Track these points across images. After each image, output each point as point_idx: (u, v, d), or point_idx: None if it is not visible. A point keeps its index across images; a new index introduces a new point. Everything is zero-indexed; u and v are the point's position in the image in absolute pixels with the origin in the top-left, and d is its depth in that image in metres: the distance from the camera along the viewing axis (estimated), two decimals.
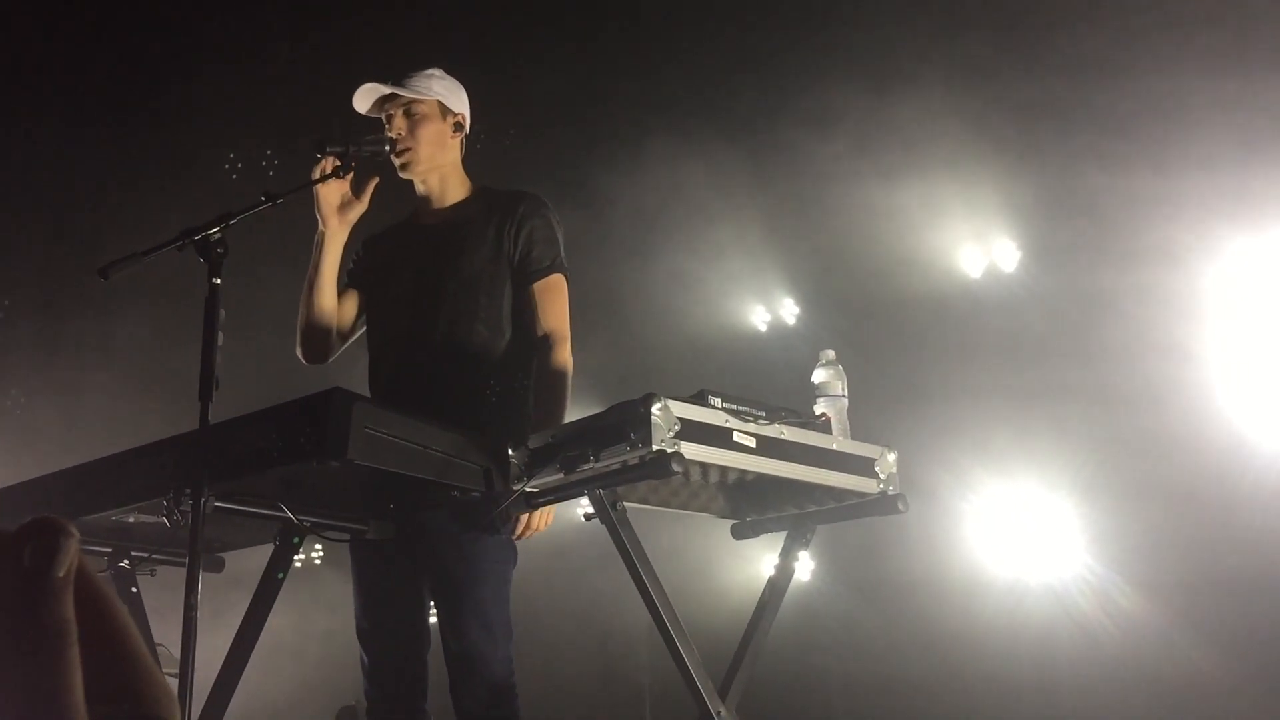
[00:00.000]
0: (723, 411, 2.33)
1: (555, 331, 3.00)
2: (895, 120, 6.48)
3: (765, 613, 2.69)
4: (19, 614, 0.41)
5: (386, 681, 2.90)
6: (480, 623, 2.77)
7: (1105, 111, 5.89)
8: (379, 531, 2.75)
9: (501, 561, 2.85)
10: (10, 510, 2.70)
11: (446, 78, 3.15)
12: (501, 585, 2.84)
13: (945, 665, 6.54)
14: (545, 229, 3.07)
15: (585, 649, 8.18)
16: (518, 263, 3.03)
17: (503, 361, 3.00)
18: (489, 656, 2.76)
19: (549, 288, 3.03)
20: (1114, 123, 5.86)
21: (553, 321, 3.01)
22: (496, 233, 3.04)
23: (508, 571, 2.86)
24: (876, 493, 2.62)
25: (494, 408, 2.94)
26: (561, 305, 3.04)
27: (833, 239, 7.36)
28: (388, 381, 3.05)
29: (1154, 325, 5.82)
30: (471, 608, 2.78)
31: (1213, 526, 5.61)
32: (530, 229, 3.04)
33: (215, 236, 2.43)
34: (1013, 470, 6.59)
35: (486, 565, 2.81)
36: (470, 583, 2.79)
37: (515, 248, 3.03)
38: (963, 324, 7.00)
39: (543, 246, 3.04)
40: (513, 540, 2.87)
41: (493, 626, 2.78)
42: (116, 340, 7.24)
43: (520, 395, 3.00)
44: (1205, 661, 5.54)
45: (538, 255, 3.03)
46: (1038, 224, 6.77)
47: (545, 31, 7.47)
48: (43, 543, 0.42)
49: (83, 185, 7.61)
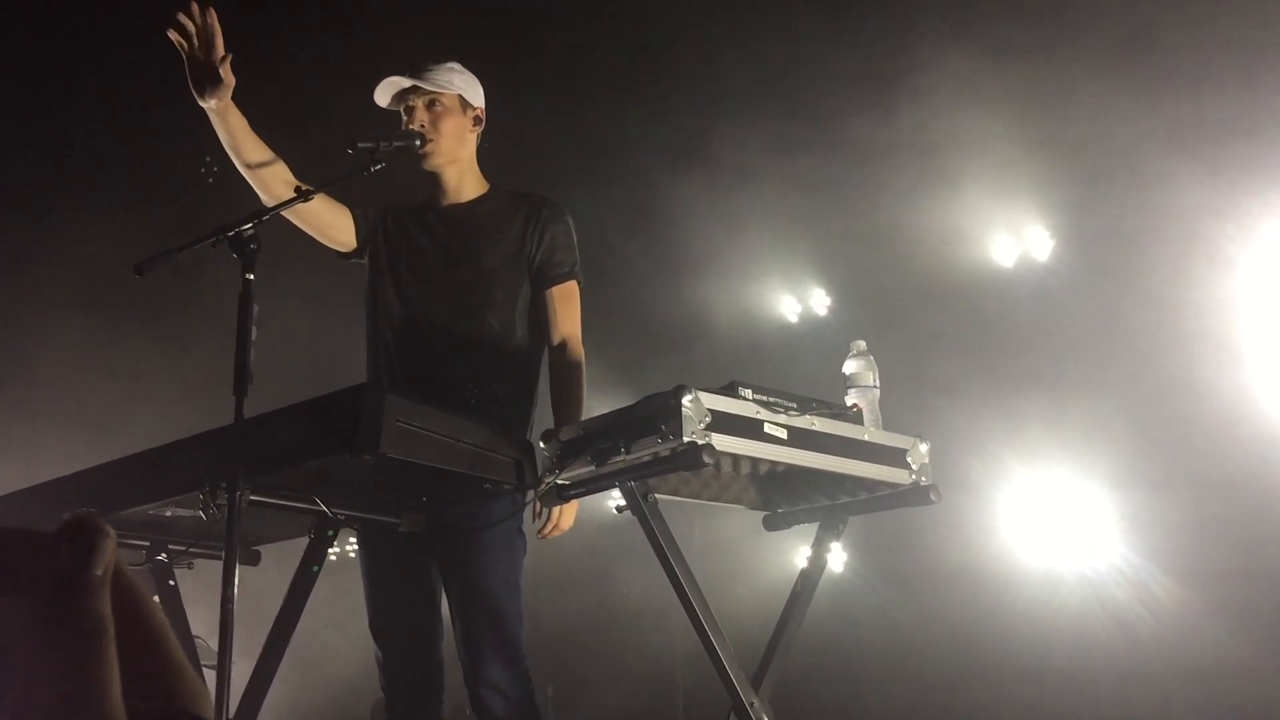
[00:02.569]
0: (754, 403, 2.33)
1: (572, 336, 3.07)
2: (927, 109, 6.43)
3: (798, 604, 2.68)
4: (58, 612, 0.42)
5: (402, 676, 2.93)
6: (492, 613, 2.81)
7: (1140, 98, 5.82)
8: (410, 524, 2.76)
9: (513, 550, 2.90)
10: (49, 504, 2.74)
11: (465, 71, 3.16)
12: (513, 574, 2.89)
13: (978, 656, 6.51)
14: (566, 235, 3.12)
15: (618, 640, 8.20)
16: (538, 265, 3.08)
17: (512, 357, 3.03)
18: (501, 646, 2.80)
19: (567, 293, 3.09)
20: (1149, 110, 5.78)
21: (569, 326, 3.07)
22: (520, 233, 3.08)
23: (519, 561, 2.91)
24: (909, 483, 2.62)
25: (498, 401, 2.96)
26: (576, 310, 3.11)
27: (864, 228, 7.32)
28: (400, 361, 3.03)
29: (1189, 314, 5.76)
30: (484, 598, 2.82)
31: (1249, 516, 5.54)
32: (554, 234, 3.10)
33: (249, 232, 2.45)
34: (1046, 459, 6.54)
35: (499, 555, 2.85)
36: (483, 573, 2.84)
37: (537, 250, 3.07)
38: (995, 313, 6.95)
39: (564, 252, 3.10)
40: (524, 533, 2.92)
41: (505, 616, 2.82)
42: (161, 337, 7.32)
43: (527, 392, 3.05)
44: (1243, 652, 5.48)
45: (559, 260, 3.09)
46: (1071, 212, 6.71)
47: (578, 13, 7.43)
48: (81, 542, 0.42)
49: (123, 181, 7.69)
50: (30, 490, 2.85)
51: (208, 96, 2.75)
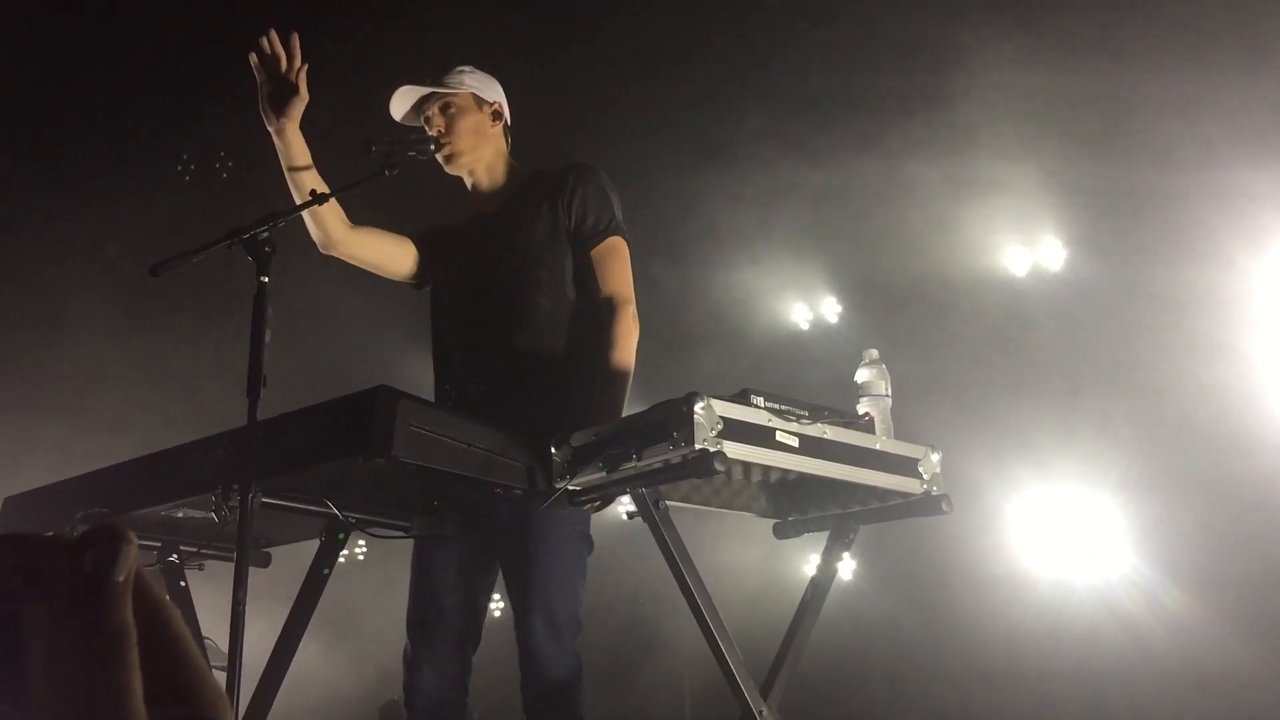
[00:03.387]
0: (765, 411, 2.33)
1: (618, 294, 2.95)
2: (940, 118, 6.43)
3: (807, 612, 2.68)
4: (81, 618, 0.42)
5: (427, 674, 2.90)
6: (545, 618, 2.74)
7: (1153, 107, 5.81)
8: (422, 528, 2.77)
9: (573, 553, 2.80)
10: (63, 504, 2.74)
11: (477, 72, 3.16)
12: (570, 576, 2.79)
13: (989, 666, 6.49)
14: (598, 194, 3.04)
15: (627, 647, 8.19)
16: (574, 231, 3.00)
17: (569, 329, 2.97)
18: (551, 652, 2.73)
19: (608, 250, 2.99)
20: (1162, 119, 5.77)
21: (614, 284, 2.96)
22: (550, 207, 3.02)
23: (579, 563, 2.82)
24: (920, 493, 2.61)
25: (561, 376, 2.93)
26: (621, 267, 3.00)
27: (875, 237, 7.31)
28: (459, 366, 3.03)
29: (1201, 323, 5.74)
30: (538, 603, 2.74)
31: (1261, 526, 5.52)
32: (583, 196, 3.02)
33: (263, 235, 2.46)
34: (1057, 469, 6.52)
35: (555, 557, 2.77)
36: (539, 577, 2.76)
37: (570, 218, 3.01)
38: (1007, 322, 6.94)
39: (597, 212, 3.01)
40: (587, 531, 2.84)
41: (558, 622, 2.74)
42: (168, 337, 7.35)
43: (588, 360, 2.94)
44: (1255, 663, 5.45)
45: (593, 221, 3.00)
46: (1084, 221, 6.69)
47: (580, 25, 7.46)
48: (103, 549, 0.43)
49: (133, 185, 7.73)
50: (44, 490, 2.86)
51: (284, 115, 2.76)
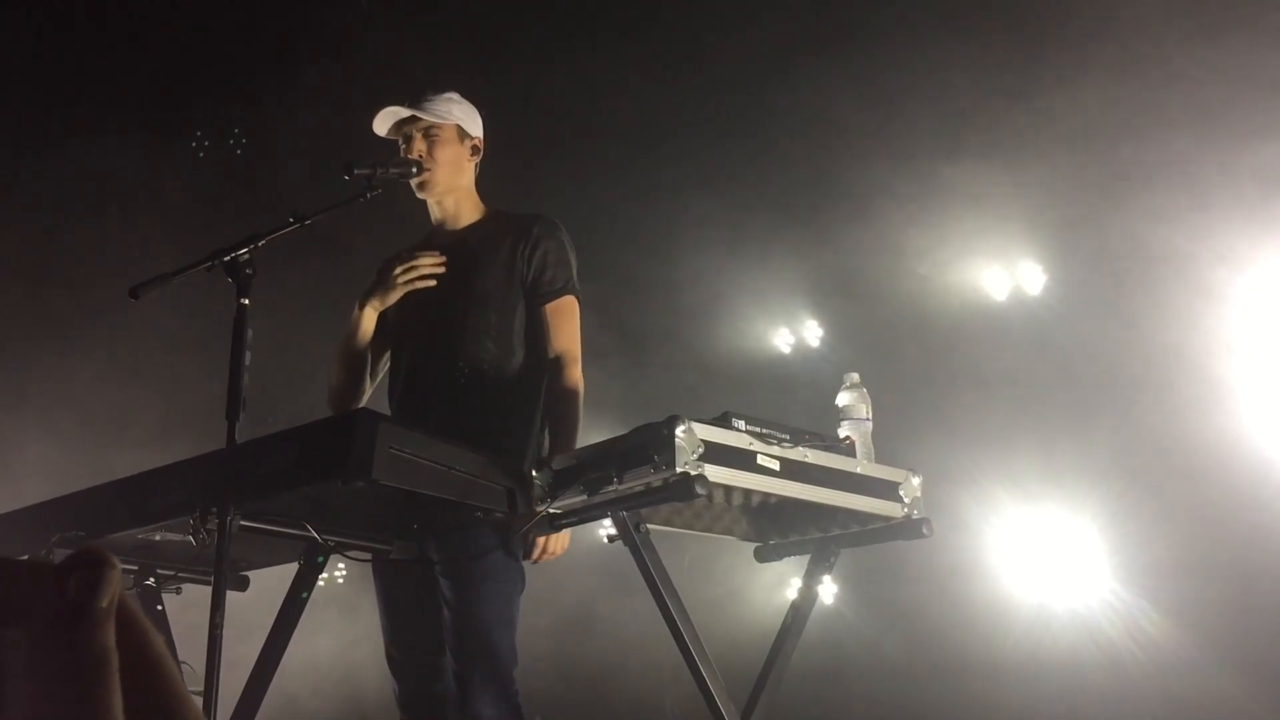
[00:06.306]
0: (746, 434, 2.33)
1: (567, 353, 3.01)
2: (918, 141, 6.47)
3: (789, 636, 2.68)
4: (64, 642, 0.42)
5: (420, 710, 2.89)
6: (483, 646, 2.73)
7: (1130, 129, 5.86)
8: (402, 551, 2.75)
9: (506, 583, 2.81)
10: (40, 527, 2.71)
11: (463, 101, 3.18)
12: (507, 607, 2.79)
13: (969, 691, 6.48)
14: (558, 251, 3.09)
15: (607, 670, 8.16)
16: (530, 284, 3.05)
17: (513, 380, 3.00)
18: (492, 679, 2.72)
19: (561, 309, 3.05)
20: (1140, 141, 5.82)
21: (564, 342, 3.02)
22: (510, 253, 3.06)
23: (513, 594, 2.82)
24: (901, 516, 2.62)
25: (502, 425, 2.95)
26: (573, 326, 3.05)
27: (856, 260, 7.34)
28: (401, 395, 3.07)
29: (1180, 348, 5.77)
30: (475, 631, 2.74)
31: (1242, 552, 5.54)
32: (544, 250, 3.06)
33: (244, 257, 2.46)
34: (1037, 494, 6.54)
35: (491, 587, 2.77)
36: (475, 605, 2.76)
37: (529, 269, 3.05)
38: (987, 346, 6.96)
39: (555, 268, 3.06)
40: (521, 565, 2.85)
41: (497, 650, 2.74)
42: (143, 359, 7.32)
43: (529, 414, 3.00)
44: (1235, 690, 5.46)
45: (550, 277, 3.05)
46: (1063, 246, 6.74)
47: (560, 49, 7.50)
48: (87, 574, 0.43)
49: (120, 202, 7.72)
50: (20, 512, 2.83)
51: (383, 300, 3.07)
